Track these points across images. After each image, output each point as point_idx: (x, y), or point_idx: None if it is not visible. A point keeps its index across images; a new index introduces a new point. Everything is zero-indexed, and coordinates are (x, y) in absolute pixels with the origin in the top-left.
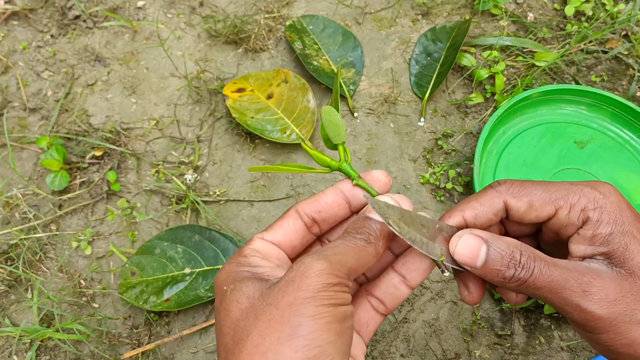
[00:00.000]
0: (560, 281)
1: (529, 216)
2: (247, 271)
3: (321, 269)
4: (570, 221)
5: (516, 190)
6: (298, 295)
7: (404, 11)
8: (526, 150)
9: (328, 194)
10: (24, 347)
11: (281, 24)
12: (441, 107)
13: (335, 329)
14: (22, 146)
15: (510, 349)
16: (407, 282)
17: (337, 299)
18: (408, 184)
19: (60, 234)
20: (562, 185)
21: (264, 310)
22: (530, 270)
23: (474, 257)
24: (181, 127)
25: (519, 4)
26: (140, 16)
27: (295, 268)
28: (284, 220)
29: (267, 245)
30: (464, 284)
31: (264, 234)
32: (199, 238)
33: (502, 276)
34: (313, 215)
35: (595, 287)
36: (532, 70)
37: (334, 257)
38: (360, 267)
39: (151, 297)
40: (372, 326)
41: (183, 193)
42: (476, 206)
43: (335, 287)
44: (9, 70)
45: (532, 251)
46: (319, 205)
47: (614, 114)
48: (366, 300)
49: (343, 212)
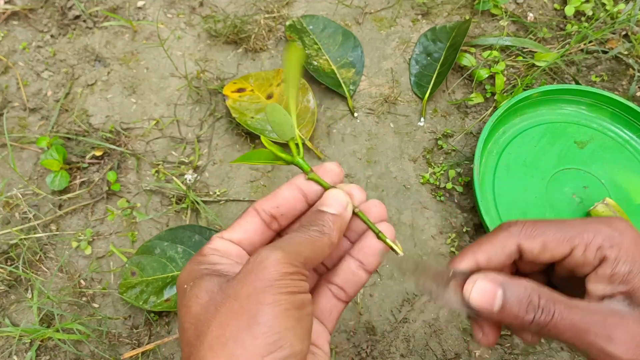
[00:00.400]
0: (582, 324)
1: (543, 257)
2: (206, 268)
3: (277, 259)
4: (587, 260)
5: (529, 231)
6: (256, 285)
7: (404, 11)
8: (526, 150)
9: (284, 189)
10: (24, 347)
11: (281, 24)
12: (441, 107)
13: (294, 316)
14: (22, 146)
15: (510, 349)
16: (365, 266)
17: (294, 287)
18: (408, 184)
19: (60, 234)
20: (575, 222)
21: (224, 302)
22: (551, 313)
23: (490, 302)
24: (181, 127)
25: (519, 4)
26: (140, 16)
27: (252, 259)
28: (242, 219)
29: (226, 244)
30: (478, 326)
31: (223, 233)
32: (199, 238)
33: (521, 321)
34: (271, 212)
35: (620, 331)
36: (532, 70)
37: (289, 247)
38: (316, 257)
39: (151, 297)
40: (335, 314)
41: (183, 193)
42: (488, 249)
43: (292, 276)
44: (9, 70)
45: (551, 294)
46: (276, 201)
47: (614, 114)
48: (327, 288)
49: (300, 205)
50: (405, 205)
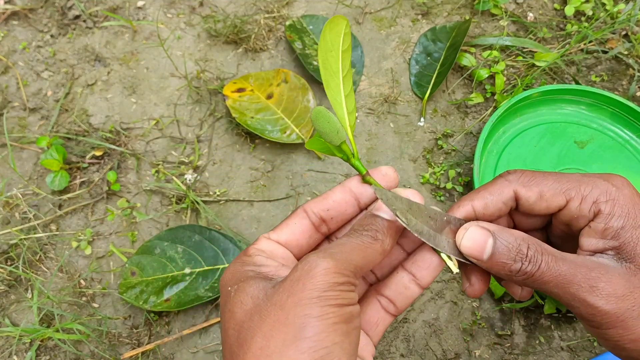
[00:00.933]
0: (567, 276)
1: (539, 206)
2: (251, 270)
3: (327, 268)
4: (582, 213)
5: (527, 180)
6: (303, 296)
7: (404, 11)
8: (526, 150)
9: (336, 192)
10: (24, 347)
11: (281, 23)
12: (441, 107)
13: (342, 330)
14: (22, 146)
15: (510, 349)
16: (418, 280)
17: (343, 299)
18: (408, 183)
19: (60, 234)
20: (573, 176)
21: (269, 311)
22: (538, 264)
23: (481, 250)
24: (181, 127)
25: (519, 4)
26: (140, 16)
27: (300, 267)
28: (291, 220)
29: (273, 245)
30: (466, 276)
31: (270, 234)
32: (199, 238)
33: (508, 269)
34: (321, 214)
35: (603, 283)
36: (532, 70)
37: (340, 255)
38: (367, 264)
39: (151, 297)
40: (382, 326)
41: (183, 193)
42: (486, 195)
43: (342, 287)
44: (9, 70)
45: (540, 244)
46: (326, 203)
47: (614, 113)
48: (376, 299)
49: (351, 209)
50: None
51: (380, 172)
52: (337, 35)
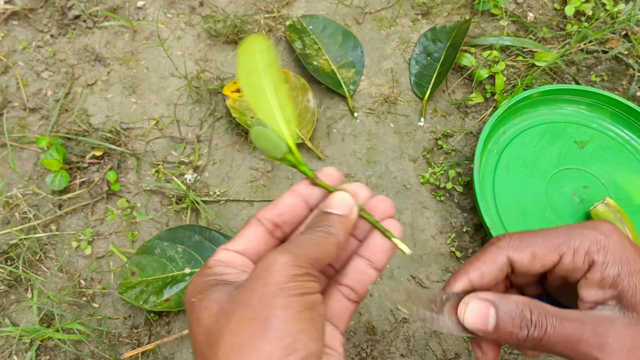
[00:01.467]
0: (575, 335)
1: (533, 267)
2: (213, 279)
3: (285, 262)
4: (576, 266)
5: (517, 243)
6: (266, 290)
7: (404, 11)
8: (526, 150)
9: (285, 197)
10: (24, 347)
11: (281, 23)
12: (441, 107)
13: (306, 317)
14: (22, 146)
15: (511, 349)
16: (374, 264)
17: (304, 288)
18: (408, 183)
19: (60, 233)
20: (561, 230)
21: (234, 310)
22: (544, 327)
23: (484, 322)
24: (181, 127)
25: (519, 4)
26: (140, 16)
27: (260, 265)
28: (245, 230)
29: (231, 255)
30: (477, 346)
31: (227, 245)
32: (199, 238)
33: (515, 337)
34: (274, 220)
35: (611, 338)
36: (532, 70)
37: (296, 250)
38: (324, 257)
39: (151, 297)
40: (347, 315)
41: (183, 193)
42: (480, 266)
43: (302, 277)
44: (9, 70)
45: (543, 307)
46: (277, 209)
47: (614, 113)
48: (337, 290)
49: (302, 212)
50: (405, 205)
51: (324, 173)
52: (252, 55)
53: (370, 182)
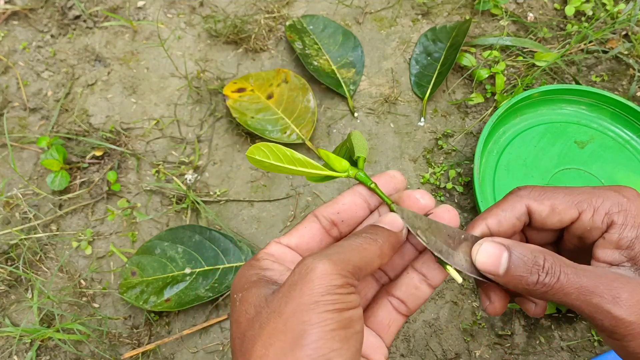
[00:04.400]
0: (589, 287)
1: (551, 220)
2: (256, 274)
3: (324, 270)
4: (595, 225)
5: (538, 194)
6: (301, 302)
7: (404, 11)
8: (526, 150)
9: (346, 195)
10: (24, 347)
11: (281, 24)
12: (441, 107)
13: (340, 336)
14: (22, 146)
15: (511, 349)
16: (428, 280)
17: (342, 303)
18: (408, 183)
19: (60, 234)
20: (584, 189)
21: (268, 318)
22: (556, 275)
23: (496, 265)
24: (181, 127)
25: (519, 4)
26: (141, 16)
27: (298, 270)
28: (302, 224)
29: (283, 249)
30: (485, 294)
31: (280, 239)
32: (199, 238)
33: (525, 282)
34: (331, 217)
35: (626, 293)
36: (532, 70)
37: (336, 256)
38: (366, 265)
39: (151, 297)
40: (394, 327)
41: (183, 193)
42: (498, 212)
43: (340, 289)
44: (9, 70)
45: (558, 257)
46: (336, 206)
47: (614, 113)
48: (387, 300)
49: (362, 212)
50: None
51: (388, 176)
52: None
53: None
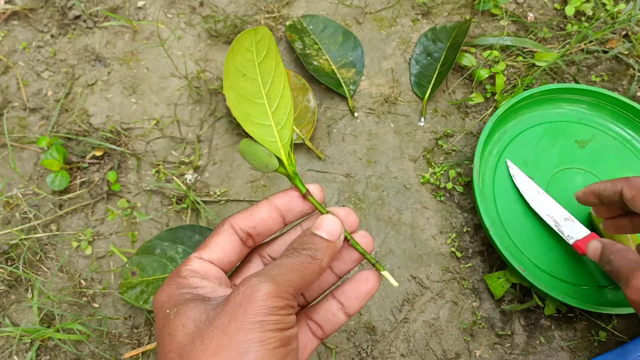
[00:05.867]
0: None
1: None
2: (188, 293)
3: (268, 292)
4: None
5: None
6: (245, 320)
7: (404, 11)
8: (527, 150)
9: (263, 209)
10: (24, 347)
11: (281, 24)
12: (441, 107)
13: (281, 353)
14: (22, 146)
15: (511, 349)
16: (345, 309)
17: (283, 323)
18: (408, 184)
19: (60, 234)
20: None
21: (212, 335)
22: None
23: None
24: (181, 127)
25: (519, 4)
26: (141, 16)
27: (242, 290)
28: (220, 237)
29: (206, 265)
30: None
31: (201, 253)
32: (199, 238)
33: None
34: (248, 230)
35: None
36: (532, 70)
37: (280, 278)
38: (305, 284)
39: (151, 297)
40: (310, 349)
41: (183, 193)
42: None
43: (282, 311)
44: (9, 70)
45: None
46: (253, 220)
47: (615, 112)
48: (305, 324)
49: (277, 226)
50: (405, 205)
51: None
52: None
53: (370, 182)
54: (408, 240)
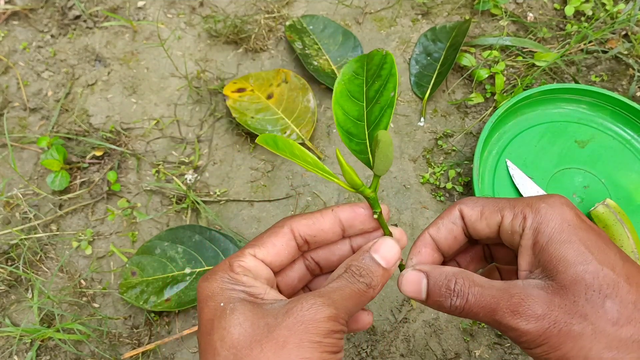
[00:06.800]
0: (491, 304)
1: (480, 224)
2: (243, 291)
3: (329, 316)
4: (514, 228)
5: (471, 202)
6: (305, 338)
7: (404, 11)
8: (526, 150)
9: (326, 219)
10: (25, 347)
11: (281, 24)
12: (441, 107)
13: None
14: (22, 146)
15: (510, 349)
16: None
17: (336, 347)
18: (408, 184)
19: (60, 234)
20: (514, 198)
21: (270, 345)
22: (465, 297)
23: (418, 291)
24: (181, 127)
25: (518, 4)
26: (141, 16)
27: (306, 308)
28: (278, 239)
29: (258, 264)
30: None
31: (256, 251)
32: (199, 238)
33: (442, 306)
34: (307, 238)
35: (523, 306)
36: (532, 70)
37: (339, 303)
38: (358, 310)
39: (151, 297)
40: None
41: (183, 193)
42: (437, 221)
43: (337, 334)
44: (9, 70)
45: (469, 277)
46: (315, 229)
47: (615, 112)
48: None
49: (336, 238)
50: (405, 205)
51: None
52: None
53: (370, 182)
54: (408, 240)
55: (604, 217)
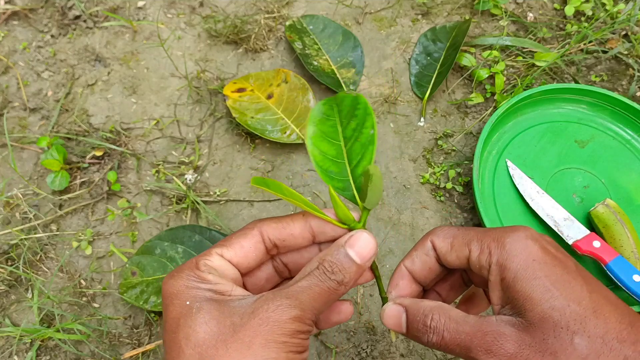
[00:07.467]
0: (466, 342)
1: (450, 256)
2: (209, 289)
3: (295, 316)
4: (481, 263)
5: (443, 233)
6: (270, 339)
7: (404, 11)
8: (526, 150)
9: (296, 225)
10: (25, 347)
11: (281, 24)
12: (441, 107)
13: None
14: (22, 146)
15: None
16: None
17: (301, 347)
18: (408, 184)
19: (60, 234)
20: (483, 229)
21: (236, 345)
22: (440, 334)
23: (399, 325)
24: (181, 127)
25: (518, 4)
26: (141, 16)
27: (272, 309)
28: (246, 241)
29: (225, 264)
30: None
31: (223, 250)
32: (199, 238)
33: (420, 341)
34: (276, 242)
35: (495, 346)
36: (532, 70)
37: (307, 304)
38: (326, 308)
39: (152, 297)
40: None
41: (183, 193)
42: (412, 252)
43: (302, 335)
44: (9, 70)
45: (446, 313)
46: (285, 233)
47: (615, 112)
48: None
49: (306, 243)
50: (405, 205)
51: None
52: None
53: None
54: (408, 240)
55: (604, 217)
